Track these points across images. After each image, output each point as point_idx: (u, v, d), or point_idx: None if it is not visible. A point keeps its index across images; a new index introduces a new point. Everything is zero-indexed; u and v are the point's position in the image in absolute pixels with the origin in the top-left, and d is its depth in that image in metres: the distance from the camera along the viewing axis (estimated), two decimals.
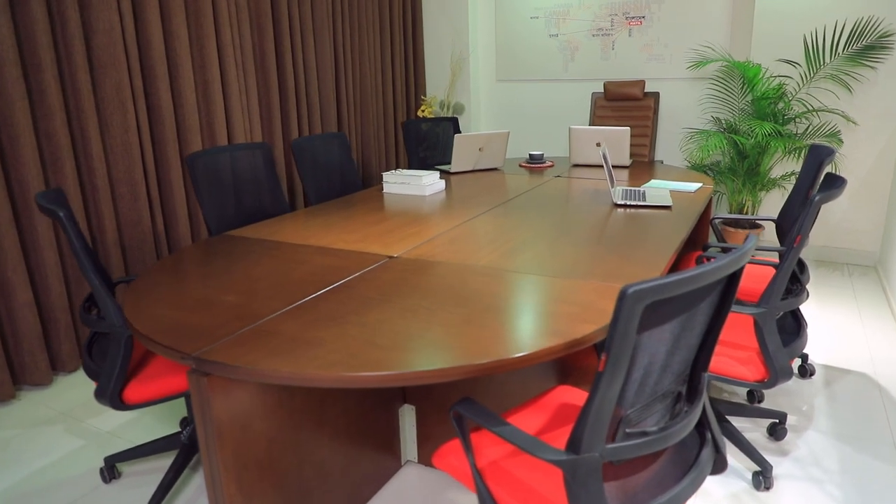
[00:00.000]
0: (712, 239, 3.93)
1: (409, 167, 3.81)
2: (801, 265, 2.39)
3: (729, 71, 3.93)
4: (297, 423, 1.58)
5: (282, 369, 1.20)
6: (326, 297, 1.56)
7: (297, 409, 1.58)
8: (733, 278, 1.15)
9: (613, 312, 0.94)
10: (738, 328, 1.93)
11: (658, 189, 2.71)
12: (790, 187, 3.96)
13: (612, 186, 2.56)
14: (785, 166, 3.93)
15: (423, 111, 4.81)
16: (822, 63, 3.64)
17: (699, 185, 2.82)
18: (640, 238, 2.00)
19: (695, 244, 2.97)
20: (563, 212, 2.38)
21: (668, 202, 2.44)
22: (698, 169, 3.93)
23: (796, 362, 2.65)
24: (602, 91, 4.43)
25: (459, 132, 4.14)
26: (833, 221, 3.90)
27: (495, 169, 3.45)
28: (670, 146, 4.42)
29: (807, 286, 2.41)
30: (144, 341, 1.38)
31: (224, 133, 3.31)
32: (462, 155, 3.30)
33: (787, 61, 3.78)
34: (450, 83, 4.96)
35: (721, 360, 1.75)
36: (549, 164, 3.54)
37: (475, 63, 4.93)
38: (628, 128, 3.28)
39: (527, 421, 1.43)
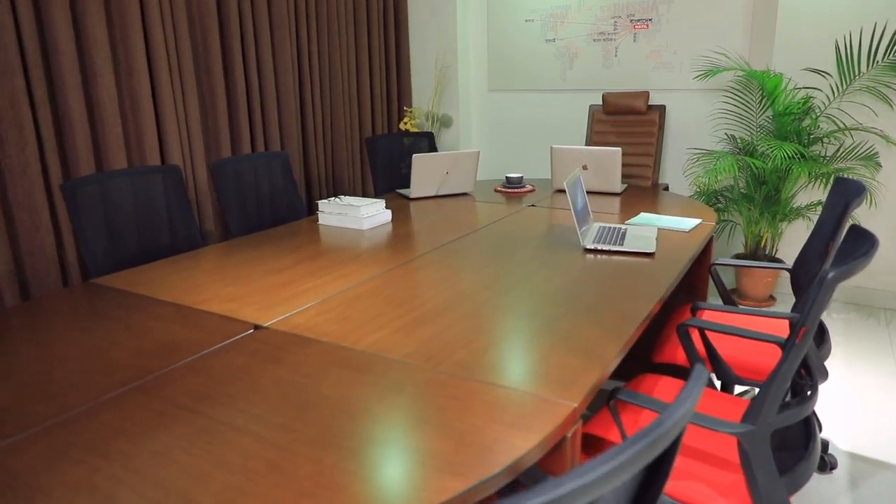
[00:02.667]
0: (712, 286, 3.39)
1: (375, 189, 3.37)
2: (820, 332, 1.87)
3: (746, 82, 3.39)
4: None
5: None
6: (120, 400, 1.12)
7: None
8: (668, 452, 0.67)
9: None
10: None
11: (644, 227, 2.21)
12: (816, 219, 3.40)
13: (582, 226, 2.06)
14: (811, 194, 3.37)
15: (405, 124, 4.36)
16: (856, 73, 3.08)
17: (698, 221, 2.30)
18: (605, 298, 1.51)
19: (693, 292, 2.45)
20: (517, 257, 1.90)
21: (651, 247, 1.94)
22: (708, 195, 3.39)
23: None
24: (601, 103, 3.92)
25: (436, 149, 3.68)
26: None
27: (465, 194, 2.99)
28: (678, 168, 3.88)
29: (828, 347, 1.89)
30: None
31: (156, 150, 2.92)
32: (423, 178, 2.84)
33: (816, 70, 3.23)
34: (434, 92, 4.50)
35: (690, 488, 1.25)
36: (528, 188, 3.05)
37: (464, 71, 4.47)
38: (619, 148, 2.78)
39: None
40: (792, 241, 3.47)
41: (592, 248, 1.97)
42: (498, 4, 4.33)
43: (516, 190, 3.01)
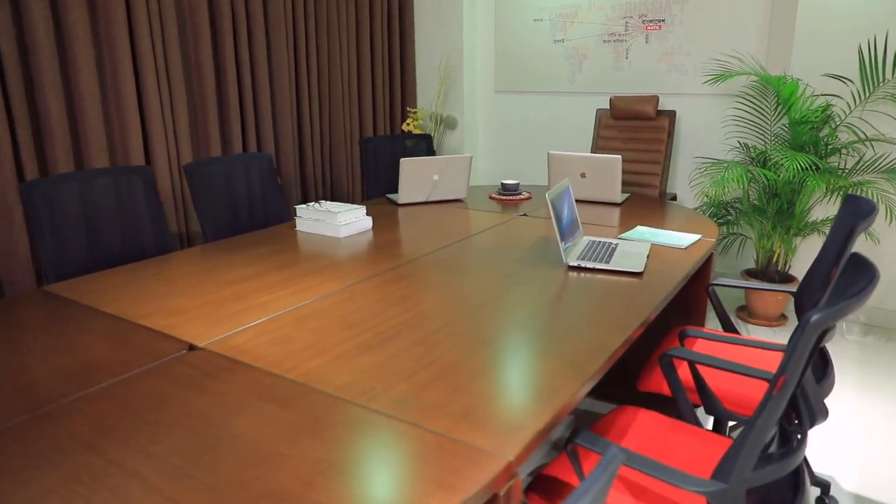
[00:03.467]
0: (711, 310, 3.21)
1: (367, 193, 3.26)
2: (823, 362, 1.70)
3: (761, 87, 3.20)
4: None
5: None
6: (24, 428, 1.02)
7: None
8: None
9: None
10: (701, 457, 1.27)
11: (636, 243, 2.06)
12: None
13: (568, 241, 1.92)
14: (828, 208, 3.17)
15: (408, 125, 4.25)
16: (881, 79, 2.88)
17: (697, 237, 2.14)
18: (579, 324, 1.37)
19: (690, 314, 2.29)
20: (494, 273, 1.77)
21: (639, 266, 1.79)
22: (717, 207, 3.21)
23: (813, 493, 1.93)
24: (609, 107, 3.75)
25: (434, 152, 3.56)
26: (890, 275, 3.11)
27: (458, 200, 2.86)
28: (688, 177, 3.70)
29: (830, 387, 1.72)
30: None
31: (140, 150, 2.85)
32: (411, 183, 2.72)
33: (836, 76, 3.03)
34: (438, 93, 4.37)
35: None
36: (525, 195, 2.91)
37: (470, 71, 4.34)
38: (619, 156, 2.62)
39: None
40: (806, 257, 3.27)
41: (576, 265, 1.83)
42: (506, 3, 4.19)
43: (511, 197, 2.87)
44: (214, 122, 3.17)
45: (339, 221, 2.24)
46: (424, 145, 3.49)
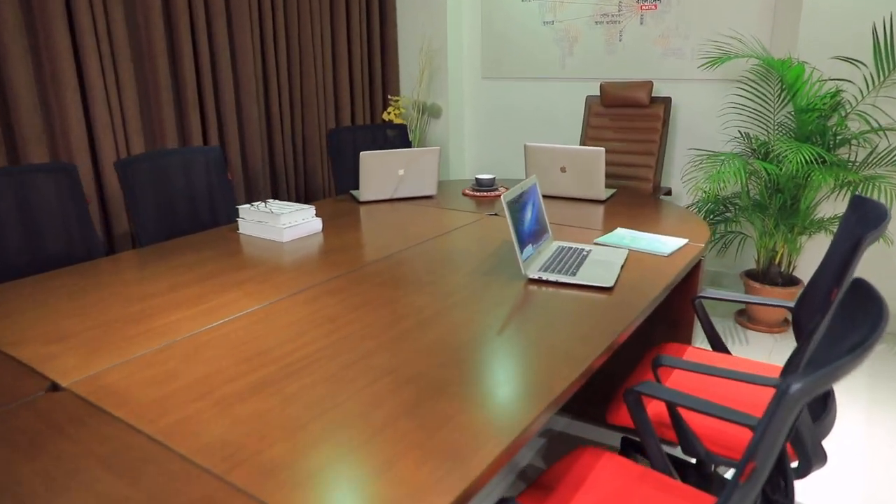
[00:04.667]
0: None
1: (336, 188, 3.03)
2: (824, 396, 1.45)
3: (765, 72, 2.92)
4: None
5: None
6: None
7: None
8: None
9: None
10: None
11: (612, 250, 1.81)
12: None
13: (532, 248, 1.68)
14: (837, 205, 2.89)
15: (388, 114, 4.00)
16: None
17: (683, 242, 1.89)
18: (526, 354, 1.14)
19: (676, 329, 2.04)
20: (443, 285, 1.54)
21: (609, 280, 1.55)
22: (715, 203, 2.94)
23: None
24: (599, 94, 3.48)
25: (409, 143, 3.31)
26: None
27: (428, 197, 2.62)
28: (682, 171, 3.43)
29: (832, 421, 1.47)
30: None
31: (84, 143, 2.62)
32: (373, 179, 2.48)
33: (847, 59, 2.74)
34: (420, 79, 4.11)
35: None
36: (501, 191, 2.67)
37: (456, 56, 4.07)
38: (602, 149, 2.37)
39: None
40: (812, 257, 3.00)
41: (536, 278, 1.59)
42: None
43: (486, 193, 2.62)
44: (170, 111, 2.94)
45: (281, 224, 2.01)
46: (400, 136, 3.25)
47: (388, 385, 1.08)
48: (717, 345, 1.80)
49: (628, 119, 3.28)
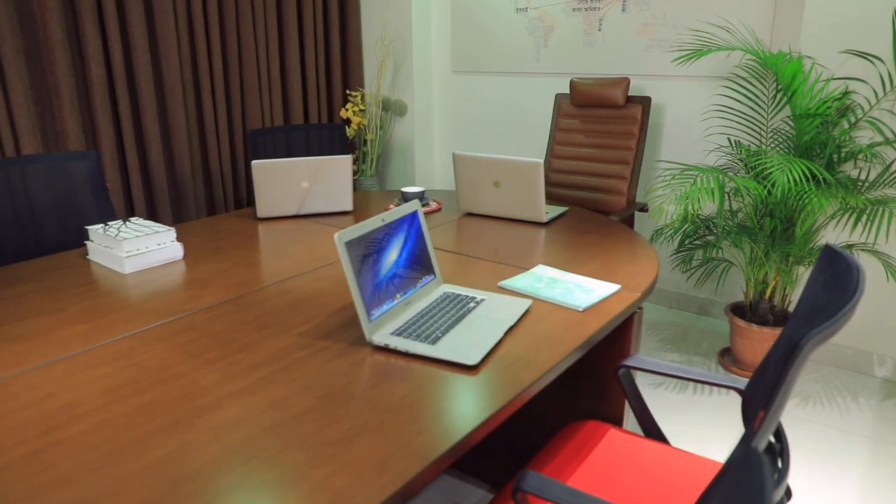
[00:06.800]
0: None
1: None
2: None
3: (761, 69, 2.44)
4: None
5: None
6: None
7: None
8: None
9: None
10: None
11: (509, 302, 1.39)
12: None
13: (385, 305, 1.27)
14: (840, 232, 2.41)
15: (347, 111, 3.61)
16: None
17: (615, 288, 1.46)
18: (337, 466, 0.75)
19: (604, 401, 1.61)
20: (257, 351, 1.15)
21: (473, 357, 1.13)
22: (694, 225, 2.48)
23: None
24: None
25: (345, 145, 2.92)
26: None
27: (345, 213, 2.23)
28: (649, 186, 2.96)
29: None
30: None
31: None
32: (271, 192, 2.10)
33: (860, 53, 2.25)
34: (379, 71, 3.71)
35: None
36: (432, 206, 2.26)
37: (423, 47, 3.66)
38: (540, 161, 1.94)
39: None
40: None
41: (382, 345, 1.18)
42: None
43: None
44: (73, 111, 2.60)
45: (124, 252, 1.64)
46: (336, 138, 2.86)
47: None
48: (650, 430, 1.37)
49: (601, 121, 2.83)
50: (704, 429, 2.15)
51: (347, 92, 3.77)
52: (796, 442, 2.07)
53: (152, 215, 3.00)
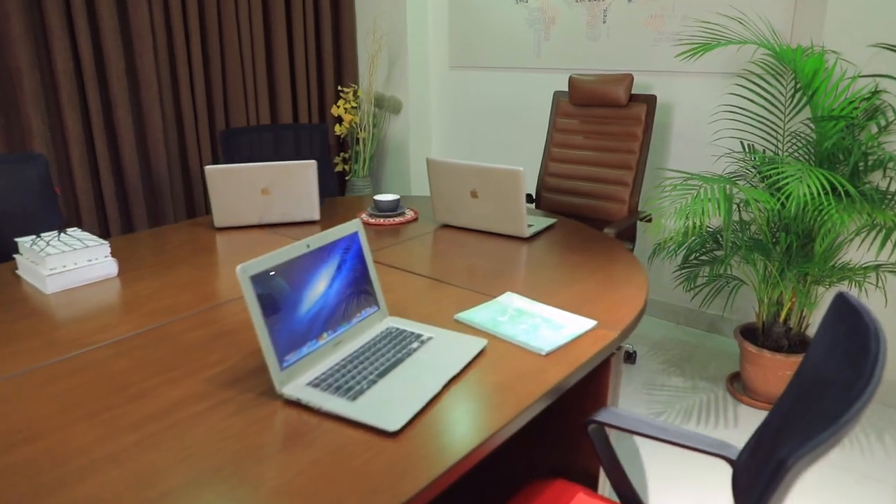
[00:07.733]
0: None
1: None
2: None
3: (778, 66, 2.19)
4: None
5: None
6: None
7: None
8: None
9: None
10: None
11: (461, 340, 1.19)
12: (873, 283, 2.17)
13: (304, 348, 1.08)
14: (863, 252, 2.15)
15: (338, 108, 3.43)
16: None
17: (590, 325, 1.25)
18: None
19: (573, 457, 1.39)
20: (149, 401, 0.97)
21: (395, 421, 0.93)
22: (701, 239, 2.24)
23: None
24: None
25: (327, 148, 2.73)
26: None
27: (312, 222, 2.04)
28: (645, 196, 2.72)
29: None
30: None
31: None
32: (228, 200, 1.92)
33: (892, 47, 1.99)
34: (371, 66, 3.51)
35: None
36: (407, 217, 2.06)
37: (419, 40, 3.45)
38: (521, 169, 1.73)
39: None
40: None
41: (294, 399, 0.99)
42: None
43: (385, 221, 2.02)
44: (35, 108, 2.46)
45: (48, 269, 1.48)
46: (317, 138, 2.67)
47: None
48: (625, 493, 1.16)
49: (601, 122, 2.59)
50: (694, 487, 1.92)
51: (339, 88, 3.58)
52: (806, 492, 1.84)
53: (126, 217, 2.85)
